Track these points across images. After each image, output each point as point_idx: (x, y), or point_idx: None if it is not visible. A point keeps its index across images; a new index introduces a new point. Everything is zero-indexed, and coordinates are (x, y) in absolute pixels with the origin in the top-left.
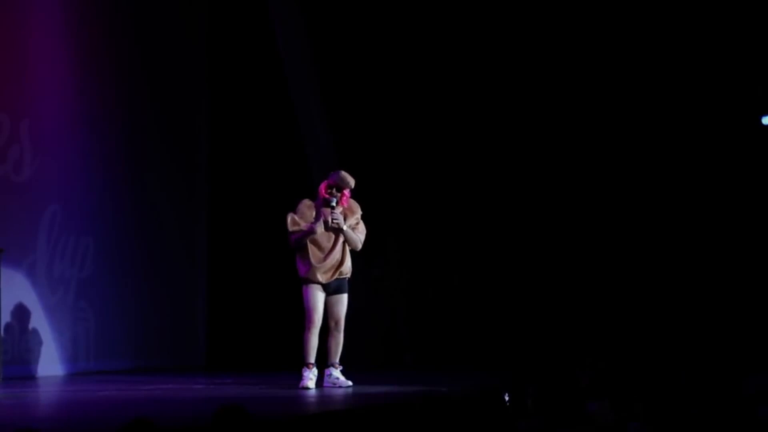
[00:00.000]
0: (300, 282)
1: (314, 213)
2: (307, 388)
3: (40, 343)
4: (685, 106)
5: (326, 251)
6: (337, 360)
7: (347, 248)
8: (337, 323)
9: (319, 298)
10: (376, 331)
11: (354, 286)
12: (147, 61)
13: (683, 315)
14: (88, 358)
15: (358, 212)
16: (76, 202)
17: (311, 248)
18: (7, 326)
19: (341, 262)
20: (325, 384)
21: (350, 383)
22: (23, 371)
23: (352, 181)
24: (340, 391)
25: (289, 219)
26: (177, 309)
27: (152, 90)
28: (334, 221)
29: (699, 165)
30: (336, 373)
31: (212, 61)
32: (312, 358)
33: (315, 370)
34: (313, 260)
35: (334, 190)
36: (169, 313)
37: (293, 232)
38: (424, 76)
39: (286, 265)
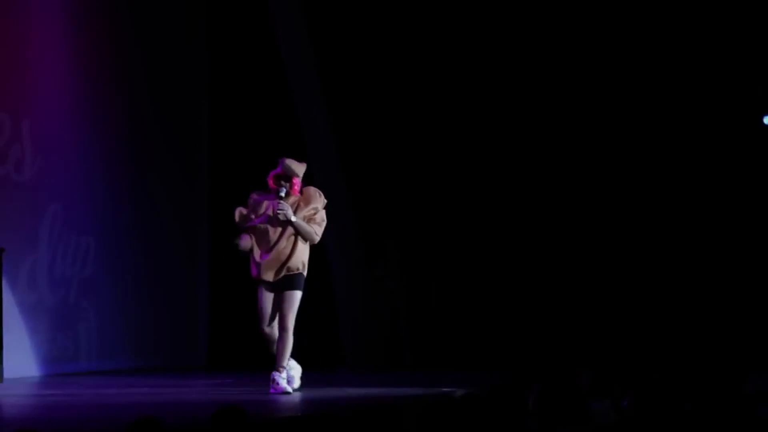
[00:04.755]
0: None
1: (263, 205)
2: (287, 392)
3: (41, 342)
4: (686, 106)
5: (270, 245)
6: (284, 362)
7: (299, 242)
8: (282, 323)
9: (266, 300)
10: (377, 331)
11: (354, 286)
12: (148, 61)
13: (684, 314)
14: (89, 358)
15: (317, 202)
16: (77, 201)
17: (255, 244)
18: (8, 326)
19: (288, 257)
20: (270, 389)
21: (290, 389)
22: (24, 371)
23: (297, 168)
24: (338, 392)
25: (236, 213)
26: (178, 309)
27: (154, 90)
28: (279, 212)
29: (700, 165)
30: (278, 377)
31: (213, 60)
32: (282, 361)
33: (285, 373)
34: (255, 256)
35: (282, 181)
36: (170, 312)
37: (241, 228)
38: (426, 77)
39: None
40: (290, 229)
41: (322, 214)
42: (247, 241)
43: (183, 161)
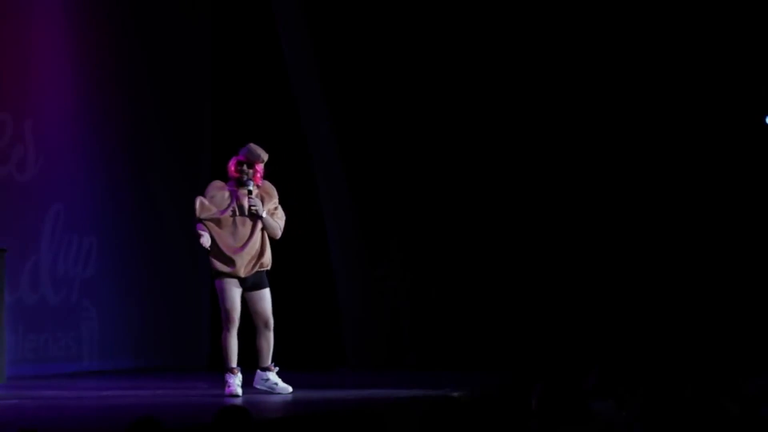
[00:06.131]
0: (213, 276)
1: (225, 195)
2: (236, 395)
3: (43, 342)
4: (688, 107)
5: (244, 240)
6: (270, 361)
7: (266, 236)
8: (266, 323)
9: (236, 294)
10: (379, 331)
11: (356, 285)
12: (151, 61)
13: (687, 315)
14: (92, 358)
15: (276, 196)
16: (79, 201)
17: (220, 235)
18: (11, 326)
19: (261, 253)
20: (255, 383)
21: (290, 389)
22: (26, 371)
23: (263, 154)
24: (338, 392)
25: (197, 203)
26: (180, 309)
27: (156, 89)
28: (252, 207)
29: (701, 166)
30: (274, 377)
31: (216, 60)
32: (235, 362)
33: (240, 375)
34: (225, 250)
35: (245, 167)
36: (173, 312)
37: (200, 220)
38: (428, 77)
39: (288, 265)
40: (260, 223)
41: (281, 210)
42: (206, 239)
43: (185, 161)
